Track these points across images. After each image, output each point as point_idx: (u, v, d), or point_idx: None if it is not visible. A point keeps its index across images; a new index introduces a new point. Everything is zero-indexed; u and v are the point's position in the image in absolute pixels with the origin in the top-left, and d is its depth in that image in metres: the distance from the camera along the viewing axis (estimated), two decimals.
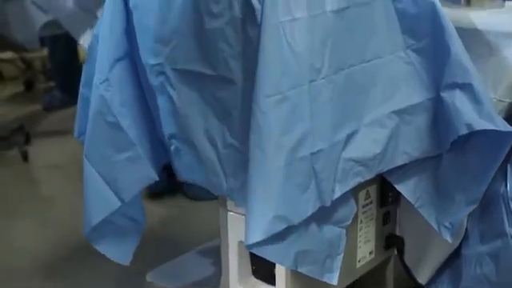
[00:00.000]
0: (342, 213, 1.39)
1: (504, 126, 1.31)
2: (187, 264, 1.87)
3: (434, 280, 1.63)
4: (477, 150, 1.38)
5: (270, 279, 1.50)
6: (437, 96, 1.37)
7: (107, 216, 1.49)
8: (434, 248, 1.58)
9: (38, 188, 3.02)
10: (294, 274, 1.41)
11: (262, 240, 1.22)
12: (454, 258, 1.56)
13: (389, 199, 1.59)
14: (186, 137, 1.44)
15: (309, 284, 1.41)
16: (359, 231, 1.55)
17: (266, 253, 1.26)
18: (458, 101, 1.32)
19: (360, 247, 1.57)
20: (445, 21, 1.32)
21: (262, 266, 1.52)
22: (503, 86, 1.40)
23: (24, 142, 3.36)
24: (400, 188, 1.45)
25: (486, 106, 1.31)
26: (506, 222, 1.41)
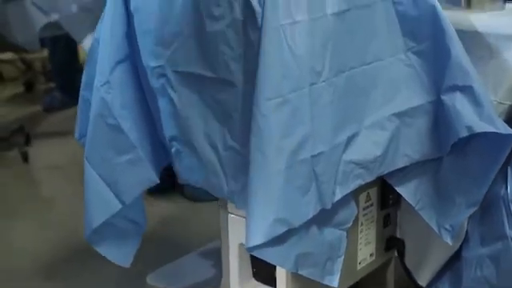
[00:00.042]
0: (342, 215, 1.40)
1: (504, 129, 1.31)
2: (188, 266, 1.86)
3: (434, 282, 1.62)
4: (477, 153, 1.38)
5: (270, 281, 1.51)
6: (437, 98, 1.37)
7: (108, 218, 1.49)
8: (434, 250, 1.58)
9: (38, 189, 3.02)
10: (295, 276, 1.41)
11: (263, 243, 1.22)
12: (454, 261, 1.56)
13: (389, 201, 1.59)
14: (186, 139, 1.44)
15: (309, 286, 1.41)
16: (360, 233, 1.55)
17: (267, 255, 1.26)
18: (459, 103, 1.32)
19: (361, 249, 1.57)
20: (445, 23, 1.32)
21: (262, 269, 1.52)
22: (504, 88, 1.40)
23: (24, 143, 3.35)
24: (400, 190, 1.45)
25: (486, 109, 1.31)
26: (506, 224, 1.41)
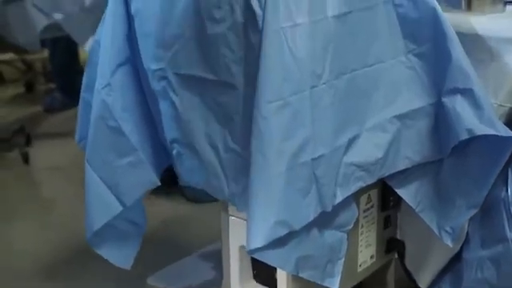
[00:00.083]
0: (343, 217, 1.40)
1: (505, 131, 1.31)
2: (188, 267, 1.86)
3: (434, 284, 1.62)
4: (477, 155, 1.38)
5: (271, 284, 1.51)
6: (438, 101, 1.37)
7: (109, 220, 1.49)
8: (434, 252, 1.58)
9: (38, 190, 3.02)
10: (295, 278, 1.41)
11: (264, 245, 1.22)
12: (454, 262, 1.56)
13: (390, 203, 1.59)
14: (187, 141, 1.44)
15: None
16: (360, 235, 1.55)
17: (268, 258, 1.26)
18: (459, 106, 1.32)
19: (361, 251, 1.57)
20: (446, 26, 1.32)
21: (263, 271, 1.53)
22: (504, 91, 1.40)
23: (25, 144, 3.35)
24: (401, 192, 1.45)
25: (486, 111, 1.31)
26: (506, 226, 1.41)
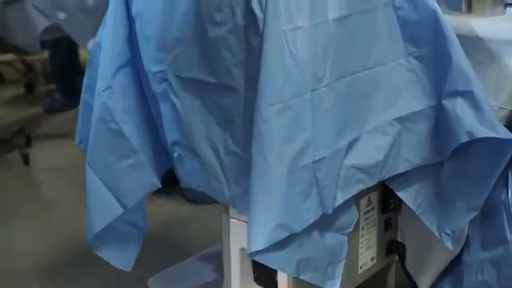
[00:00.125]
0: (343, 220, 1.40)
1: (505, 134, 1.31)
2: (188, 269, 1.87)
3: (435, 286, 1.62)
4: (478, 158, 1.38)
5: (271, 286, 1.51)
6: (438, 103, 1.36)
7: (110, 222, 1.49)
8: (435, 254, 1.58)
9: (38, 191, 3.02)
10: (296, 280, 1.41)
11: (265, 248, 1.22)
12: (455, 264, 1.56)
13: (390, 206, 1.59)
14: (188, 144, 1.44)
15: None
16: (361, 238, 1.55)
17: (268, 260, 1.26)
18: (459, 108, 1.32)
19: (362, 254, 1.57)
20: (446, 28, 1.32)
21: (263, 273, 1.53)
22: (504, 93, 1.40)
23: (25, 145, 3.35)
24: (401, 195, 1.45)
25: (487, 114, 1.31)
26: (507, 229, 1.41)
